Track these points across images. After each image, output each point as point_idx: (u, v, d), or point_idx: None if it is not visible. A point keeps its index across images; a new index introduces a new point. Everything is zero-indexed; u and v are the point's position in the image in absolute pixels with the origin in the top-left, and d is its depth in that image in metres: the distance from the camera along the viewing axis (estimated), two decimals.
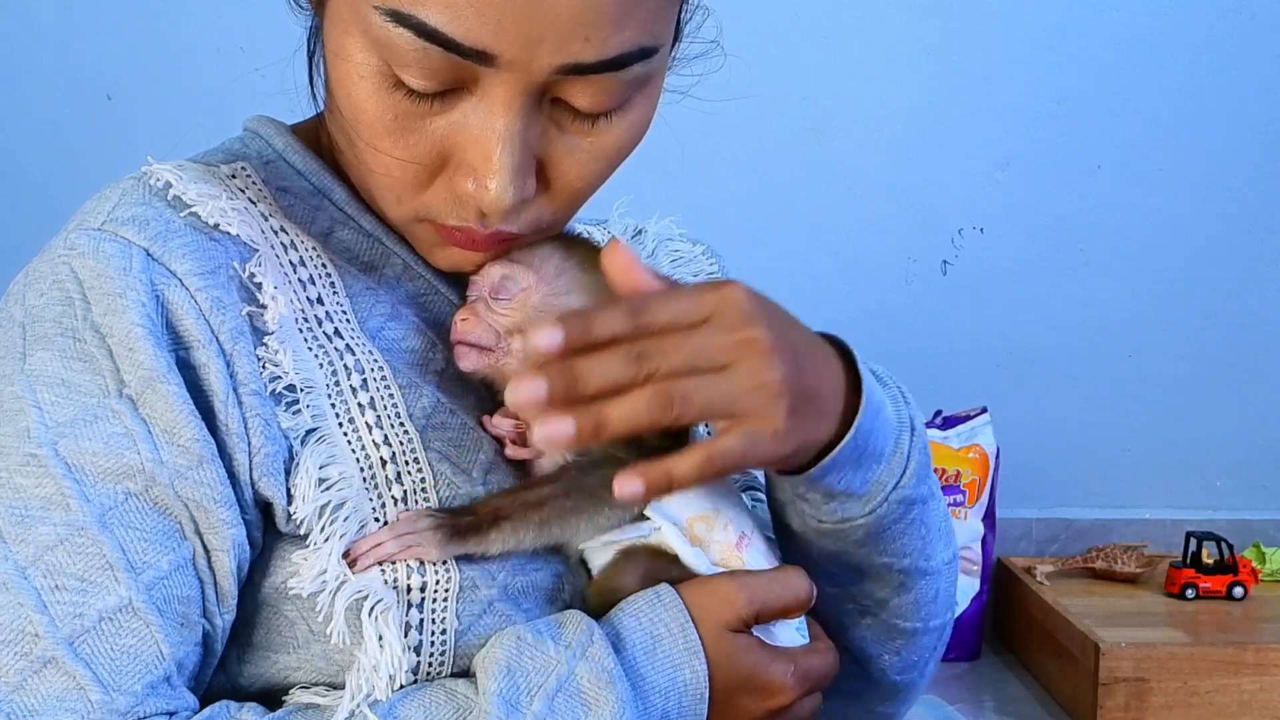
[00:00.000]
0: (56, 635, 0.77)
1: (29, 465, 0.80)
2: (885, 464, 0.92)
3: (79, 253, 0.84)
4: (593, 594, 0.89)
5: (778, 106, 2.05)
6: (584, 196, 0.91)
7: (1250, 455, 2.14)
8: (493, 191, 0.84)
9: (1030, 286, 2.10)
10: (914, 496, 0.95)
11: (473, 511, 0.86)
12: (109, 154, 1.92)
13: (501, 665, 0.81)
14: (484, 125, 0.83)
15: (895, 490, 0.93)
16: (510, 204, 0.84)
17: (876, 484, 0.92)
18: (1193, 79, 2.08)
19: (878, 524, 0.94)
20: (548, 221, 0.90)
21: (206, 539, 0.82)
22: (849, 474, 0.90)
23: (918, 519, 0.96)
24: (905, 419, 0.95)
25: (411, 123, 0.84)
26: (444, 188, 0.87)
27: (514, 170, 0.83)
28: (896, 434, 0.93)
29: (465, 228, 0.88)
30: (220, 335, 0.84)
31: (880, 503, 0.93)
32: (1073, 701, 1.75)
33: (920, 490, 0.95)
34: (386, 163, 0.86)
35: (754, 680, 0.86)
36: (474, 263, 0.92)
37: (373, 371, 0.89)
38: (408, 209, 0.89)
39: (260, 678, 0.86)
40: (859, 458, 0.90)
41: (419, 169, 0.86)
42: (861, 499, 0.92)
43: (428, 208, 0.88)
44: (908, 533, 0.96)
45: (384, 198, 0.90)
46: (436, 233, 0.90)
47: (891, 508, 0.94)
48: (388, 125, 0.84)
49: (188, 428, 0.81)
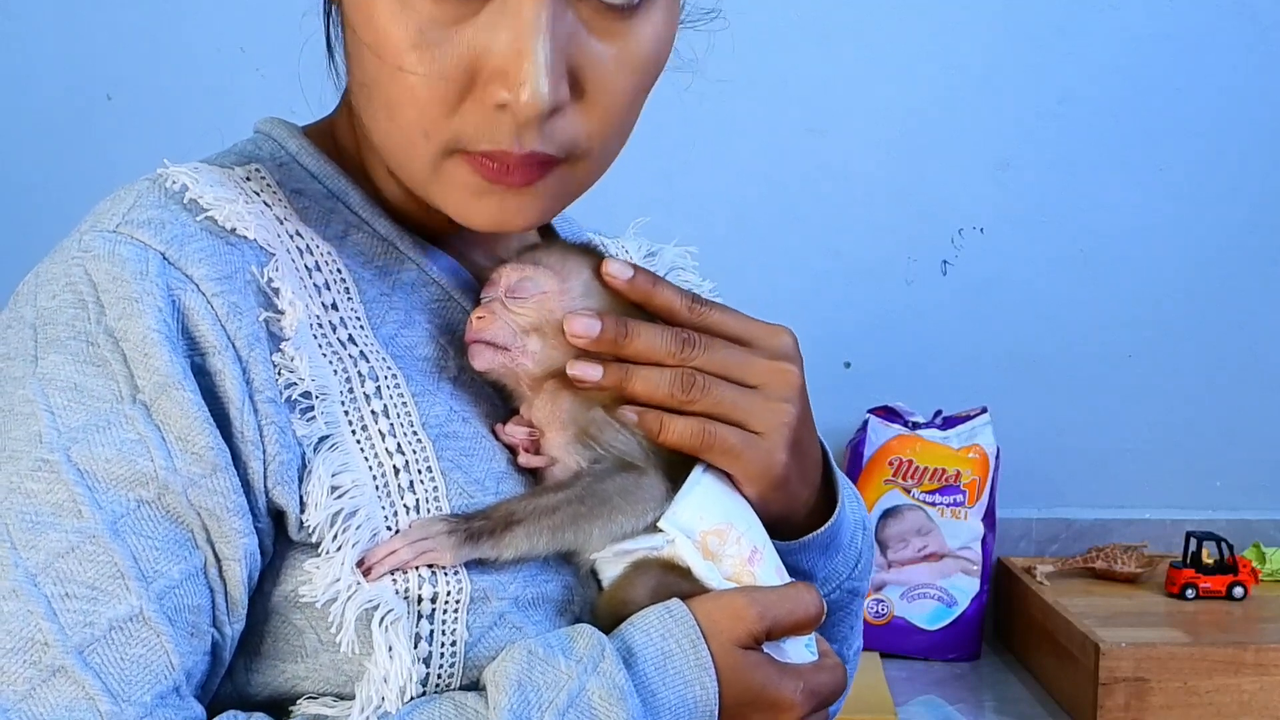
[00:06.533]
0: (66, 644, 0.76)
1: (40, 470, 0.79)
2: (842, 555, 1.02)
3: (93, 255, 0.83)
4: (603, 606, 0.89)
5: (778, 106, 2.05)
6: (616, 117, 0.89)
7: (1250, 455, 2.14)
8: (527, 91, 0.82)
9: (1030, 286, 2.11)
10: (858, 589, 1.05)
11: (486, 516, 0.85)
12: (109, 154, 1.93)
13: (512, 680, 0.81)
14: (512, 24, 0.82)
15: (847, 579, 1.03)
16: (545, 104, 0.82)
17: (833, 571, 1.02)
18: (1193, 79, 2.08)
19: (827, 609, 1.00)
20: (583, 144, 0.88)
21: (218, 548, 0.81)
22: (816, 557, 0.99)
23: (854, 610, 1.07)
24: (860, 518, 1.06)
25: (437, 33, 0.83)
26: (474, 108, 0.85)
27: (547, 66, 0.82)
28: (852, 530, 1.03)
29: (499, 152, 0.85)
30: (236, 341, 0.83)
31: (833, 589, 1.02)
32: (1073, 701, 1.75)
33: (862, 585, 1.06)
34: (413, 85, 0.84)
35: (763, 697, 0.86)
36: (513, 214, 0.89)
37: (386, 379, 0.88)
38: (435, 143, 0.86)
39: (268, 687, 0.85)
40: (827, 545, 0.99)
41: (447, 87, 0.84)
42: (819, 583, 1.00)
43: (457, 135, 0.85)
44: (844, 621, 1.06)
45: (410, 141, 0.87)
46: (469, 168, 0.87)
47: (841, 595, 1.03)
48: (412, 39, 0.83)
49: (202, 435, 0.80)
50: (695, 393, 0.90)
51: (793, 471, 0.94)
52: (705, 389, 0.90)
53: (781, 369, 0.93)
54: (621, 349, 0.90)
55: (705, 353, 0.91)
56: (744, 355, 0.92)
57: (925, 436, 1.97)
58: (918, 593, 1.96)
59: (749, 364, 0.92)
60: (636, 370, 0.90)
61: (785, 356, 0.94)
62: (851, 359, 2.07)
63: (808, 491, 0.97)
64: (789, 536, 0.97)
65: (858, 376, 2.07)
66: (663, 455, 0.90)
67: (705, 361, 0.91)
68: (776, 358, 0.93)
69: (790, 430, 0.92)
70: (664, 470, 0.89)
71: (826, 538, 0.99)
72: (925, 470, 1.96)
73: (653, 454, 0.89)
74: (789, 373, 0.93)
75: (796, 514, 0.97)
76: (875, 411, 2.00)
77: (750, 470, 0.92)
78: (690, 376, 0.90)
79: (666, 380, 0.90)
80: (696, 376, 0.90)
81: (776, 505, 0.94)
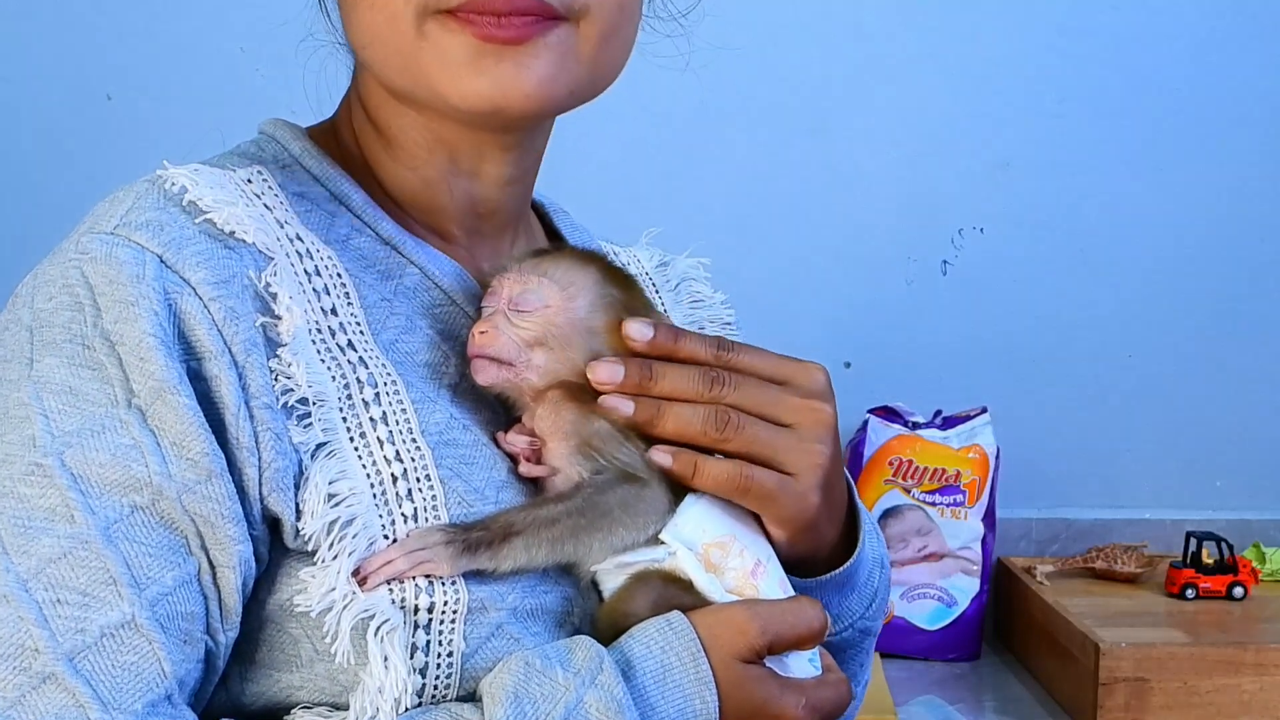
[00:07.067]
0: (57, 650, 0.75)
1: (34, 475, 0.78)
2: (858, 593, 1.00)
3: (91, 257, 0.82)
4: (603, 618, 0.87)
5: (778, 106, 2.05)
6: None
7: (1250, 455, 2.14)
8: None
9: (1030, 286, 2.10)
10: (871, 629, 1.03)
11: (485, 527, 0.84)
12: (109, 154, 1.93)
13: (509, 691, 0.80)
14: None
15: (861, 619, 1.01)
16: None
17: (847, 609, 1.00)
18: (1193, 79, 2.08)
19: (837, 645, 1.00)
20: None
21: (212, 554, 0.80)
22: (833, 597, 0.97)
23: (866, 649, 1.05)
24: (878, 556, 1.03)
25: None
26: None
27: None
28: (870, 568, 1.01)
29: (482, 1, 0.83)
30: (233, 347, 0.82)
31: (846, 628, 1.01)
32: (1073, 701, 1.75)
33: (876, 624, 1.04)
34: None
35: (765, 712, 0.85)
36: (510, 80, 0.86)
37: (386, 385, 0.86)
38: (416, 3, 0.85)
39: (262, 696, 0.84)
40: (844, 584, 0.98)
41: None
42: (832, 620, 0.96)
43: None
44: (855, 659, 1.04)
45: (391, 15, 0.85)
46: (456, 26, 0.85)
47: (853, 635, 1.02)
48: None
49: (197, 441, 0.79)
50: (729, 431, 0.88)
51: (823, 514, 0.92)
52: (739, 428, 0.88)
53: (814, 408, 0.91)
54: (648, 391, 0.88)
55: (736, 391, 0.89)
56: (776, 394, 0.90)
57: (925, 436, 1.97)
58: (918, 593, 1.96)
59: (781, 402, 0.90)
60: (669, 407, 0.88)
61: (818, 395, 0.92)
62: (851, 359, 2.07)
63: (834, 532, 0.96)
64: (808, 575, 0.96)
65: (858, 376, 2.07)
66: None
67: (738, 399, 0.89)
68: (809, 396, 0.91)
69: (823, 472, 0.90)
70: (666, 482, 0.88)
71: (844, 577, 0.97)
72: (925, 470, 1.96)
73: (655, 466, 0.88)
74: (822, 411, 0.91)
75: (820, 554, 0.96)
76: (875, 411, 2.00)
77: (784, 514, 0.90)
78: (725, 414, 0.88)
79: (699, 417, 0.88)
80: (730, 414, 0.88)
81: (803, 547, 0.93)
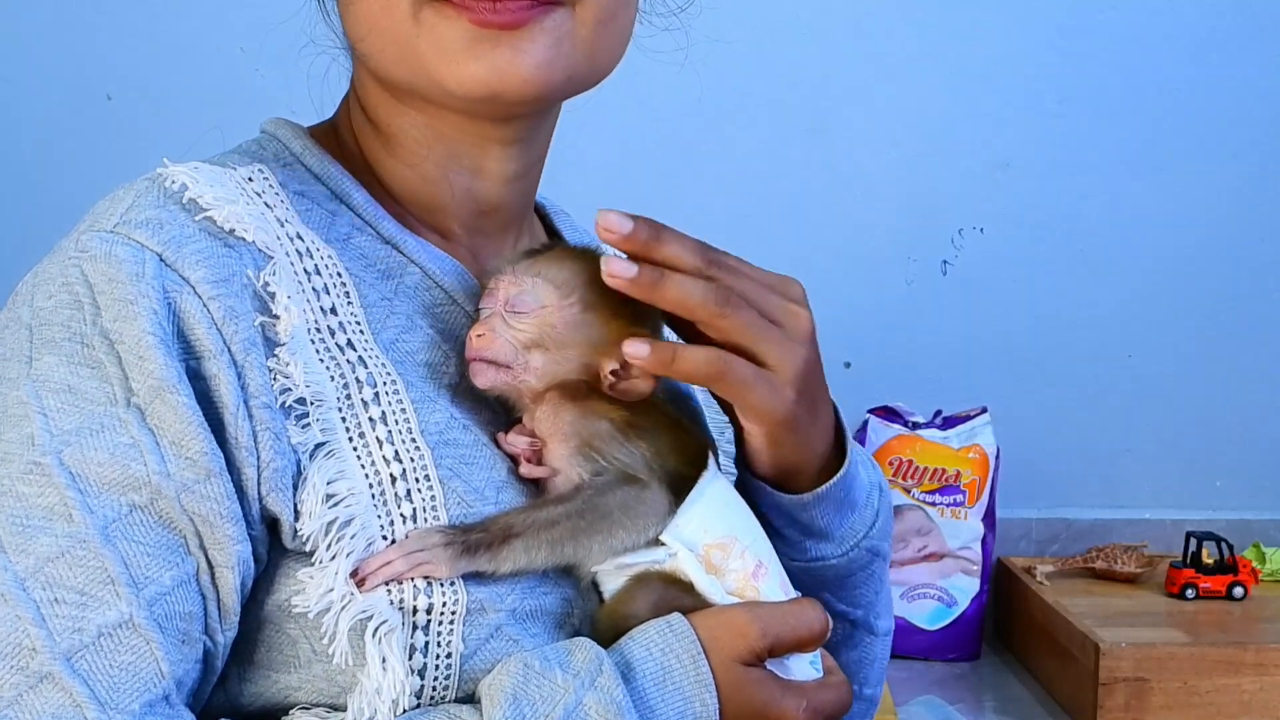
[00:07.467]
0: (54, 650, 0.75)
1: (32, 473, 0.78)
2: (858, 513, 1.00)
3: (90, 255, 0.82)
4: (603, 620, 0.87)
5: (778, 106, 2.05)
6: None
7: (1250, 455, 2.14)
8: None
9: (1030, 286, 2.10)
10: (878, 549, 1.02)
11: (484, 528, 0.83)
12: (109, 154, 1.93)
13: (508, 693, 0.79)
14: None
15: (865, 539, 1.00)
16: None
17: (850, 529, 0.99)
18: (1193, 79, 2.08)
19: (846, 568, 1.00)
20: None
21: (211, 554, 0.80)
22: (831, 513, 0.97)
23: (877, 573, 1.04)
24: (875, 480, 1.03)
25: None
26: None
27: None
28: (868, 489, 1.01)
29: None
30: (232, 346, 0.82)
31: (852, 547, 1.00)
32: (1073, 701, 1.75)
33: (883, 546, 1.03)
34: None
35: (765, 715, 0.85)
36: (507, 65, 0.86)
37: (385, 385, 0.86)
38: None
39: (260, 697, 0.84)
40: (841, 500, 0.97)
41: None
42: (835, 541, 0.98)
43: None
44: (867, 583, 1.03)
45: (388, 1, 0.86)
46: (452, 11, 0.85)
47: (860, 554, 1.00)
48: None
49: (196, 440, 0.79)
50: (729, 308, 0.87)
51: (802, 413, 0.91)
52: (738, 306, 0.88)
53: (797, 312, 0.92)
54: (652, 251, 0.87)
55: (732, 276, 0.89)
56: (766, 291, 0.91)
57: (925, 436, 1.97)
58: (918, 593, 1.96)
59: (770, 300, 0.91)
60: (672, 275, 0.86)
61: (800, 302, 0.93)
62: (851, 359, 2.06)
63: (820, 441, 0.95)
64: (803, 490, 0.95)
65: (858, 376, 2.07)
66: (666, 468, 0.88)
67: (733, 284, 0.89)
68: (793, 301, 0.92)
69: (802, 372, 0.90)
70: (667, 483, 0.88)
71: (840, 491, 0.96)
72: (925, 470, 1.96)
73: (656, 467, 0.88)
74: (804, 316, 0.92)
75: (809, 463, 0.95)
76: (875, 411, 2.00)
77: (759, 407, 0.89)
78: (725, 290, 0.88)
79: (700, 289, 0.87)
80: (730, 293, 0.88)
81: (788, 447, 0.93)
